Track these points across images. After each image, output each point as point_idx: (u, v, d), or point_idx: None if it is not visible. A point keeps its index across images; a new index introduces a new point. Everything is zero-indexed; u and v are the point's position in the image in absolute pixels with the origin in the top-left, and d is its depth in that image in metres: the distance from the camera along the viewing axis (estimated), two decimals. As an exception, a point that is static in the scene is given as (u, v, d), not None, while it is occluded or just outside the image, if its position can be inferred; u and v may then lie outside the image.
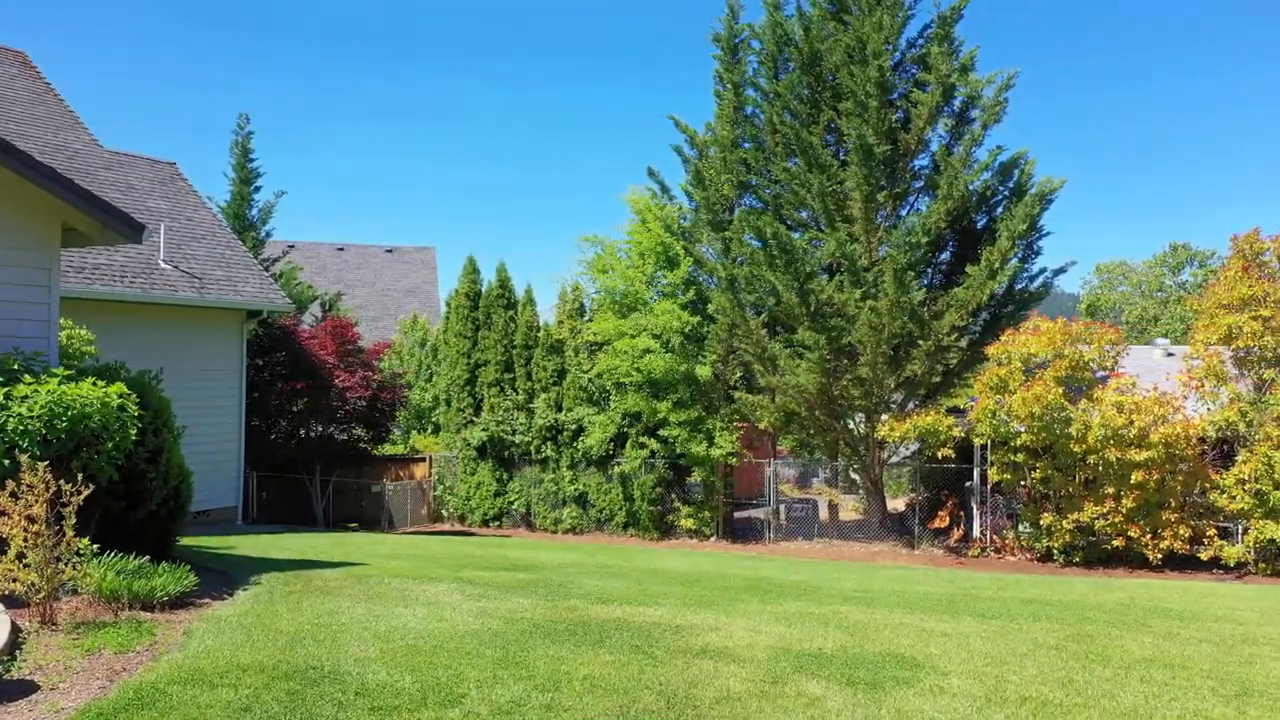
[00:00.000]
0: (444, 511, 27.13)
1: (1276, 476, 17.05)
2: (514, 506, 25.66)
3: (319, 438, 24.41)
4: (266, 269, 24.74)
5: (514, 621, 8.29)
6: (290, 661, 6.56)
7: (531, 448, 25.27)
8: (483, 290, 27.05)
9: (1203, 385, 18.59)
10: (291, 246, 38.59)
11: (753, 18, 24.67)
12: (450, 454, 27.07)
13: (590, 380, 24.51)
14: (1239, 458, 17.88)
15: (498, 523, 25.89)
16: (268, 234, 29.74)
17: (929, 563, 19.66)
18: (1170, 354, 24.40)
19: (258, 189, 29.52)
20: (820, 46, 22.31)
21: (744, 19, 24.52)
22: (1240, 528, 18.26)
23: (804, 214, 23.12)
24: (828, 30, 22.49)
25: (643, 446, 23.25)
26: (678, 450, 22.66)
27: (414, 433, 32.01)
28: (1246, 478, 17.48)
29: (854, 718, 5.83)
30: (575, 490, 24.69)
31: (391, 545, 17.23)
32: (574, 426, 24.65)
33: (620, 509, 23.97)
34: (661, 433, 22.77)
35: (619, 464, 23.73)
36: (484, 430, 25.59)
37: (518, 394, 25.78)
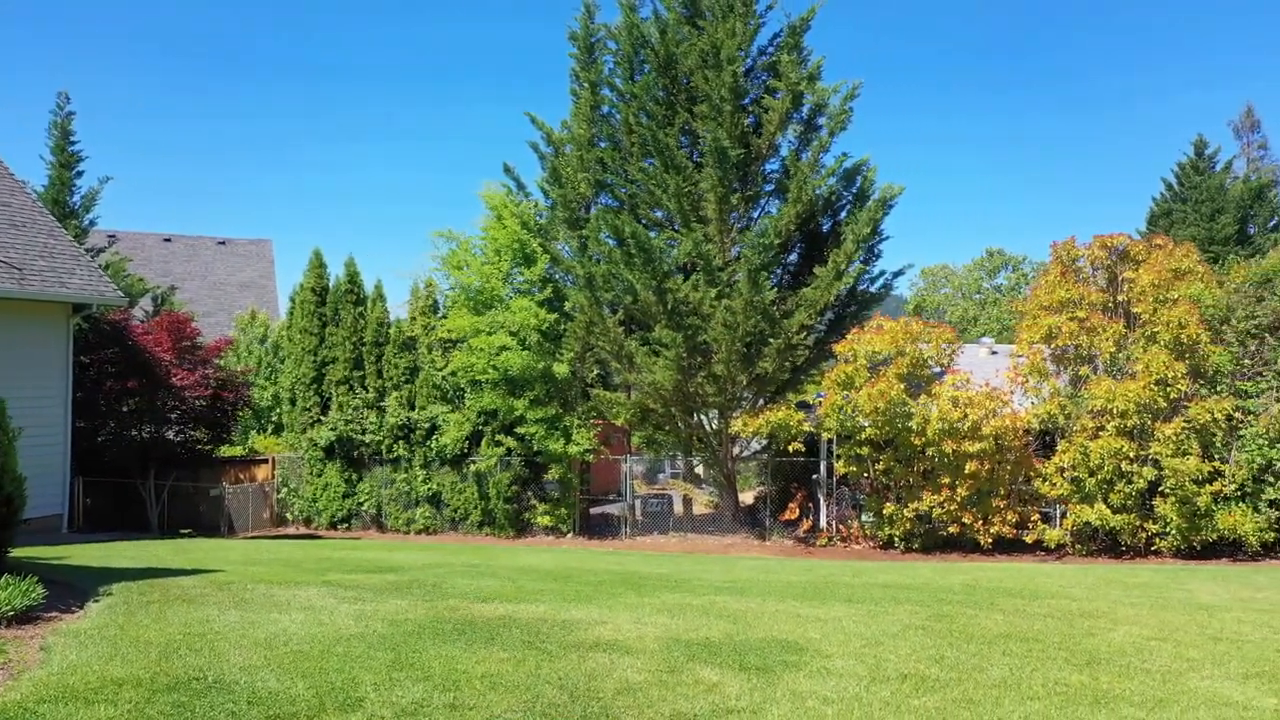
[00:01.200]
0: (288, 515, 26.10)
1: (1091, 464, 18.53)
2: (364, 508, 24.97)
3: (152, 439, 23.03)
4: (93, 259, 23.12)
5: (398, 623, 8.15)
6: (169, 673, 6.25)
7: (383, 447, 24.66)
8: (330, 285, 26.20)
9: (1027, 381, 20.00)
10: (113, 237, 36.25)
11: (609, 17, 24.93)
12: (295, 455, 26.07)
13: (444, 378, 24.15)
14: (1059, 448, 19.34)
15: (346, 525, 25.14)
16: (91, 222, 27.79)
17: (780, 553, 20.37)
18: (994, 352, 26.09)
19: (80, 174, 27.54)
20: (676, 50, 22.73)
21: (600, 18, 24.75)
22: (1059, 512, 19.79)
23: (660, 214, 23.49)
24: (683, 34, 22.93)
25: (499, 444, 23.08)
26: (535, 448, 22.62)
27: (254, 433, 30.63)
28: (1065, 466, 18.93)
29: (753, 701, 6.04)
30: (429, 490, 24.27)
31: (242, 551, 16.49)
32: (427, 425, 24.22)
33: (475, 508, 23.73)
34: (518, 430, 22.67)
35: (474, 462, 23.47)
36: (332, 430, 24.79)
37: (368, 392, 25.11)
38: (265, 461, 26.64)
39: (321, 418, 25.44)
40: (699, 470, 27.99)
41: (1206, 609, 10.38)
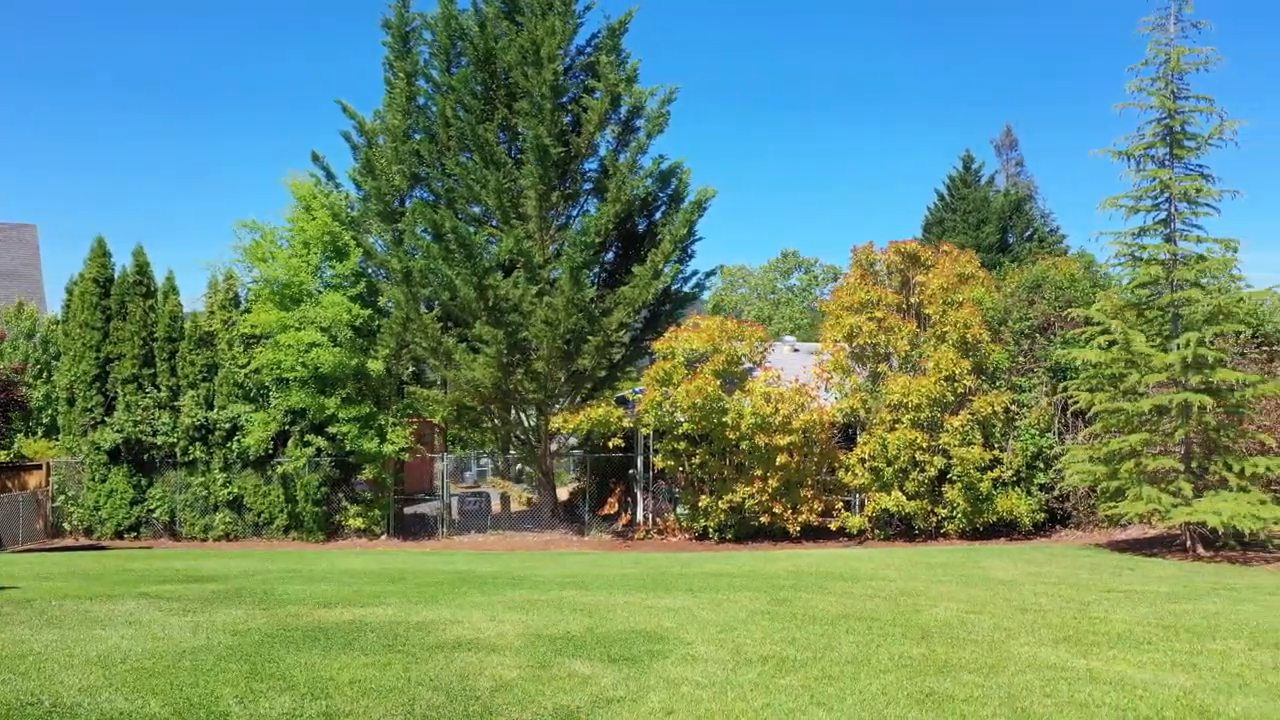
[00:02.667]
0: (66, 525, 23.97)
1: (889, 454, 19.88)
2: (156, 515, 23.31)
3: (-97, 445, 20.58)
4: None
5: (242, 633, 7.75)
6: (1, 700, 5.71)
7: (177, 449, 23.10)
8: (116, 276, 24.24)
9: (831, 377, 21.21)
10: None
11: (425, 7, 24.35)
12: (74, 459, 23.97)
13: (248, 375, 22.89)
14: (860, 440, 20.65)
15: (135, 534, 23.35)
16: None
17: (599, 548, 20.65)
18: (796, 350, 27.47)
19: None
20: (495, 45, 22.55)
21: (416, 6, 24.14)
22: (860, 500, 21.11)
23: (478, 210, 23.24)
24: (502, 29, 22.78)
25: (308, 444, 22.14)
26: (348, 447, 21.86)
27: (20, 437, 27.88)
28: (866, 457, 20.23)
29: (629, 690, 6.18)
30: (229, 494, 22.95)
31: (26, 565, 15.06)
32: (228, 425, 22.89)
33: (282, 511, 22.66)
34: (330, 429, 21.83)
35: (281, 464, 22.42)
36: (118, 431, 22.96)
37: (160, 391, 23.44)
38: (38, 467, 24.35)
39: (106, 419, 23.51)
40: (525, 467, 27.89)
41: (1005, 584, 11.42)
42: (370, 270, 23.42)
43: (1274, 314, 18.98)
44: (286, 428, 22.51)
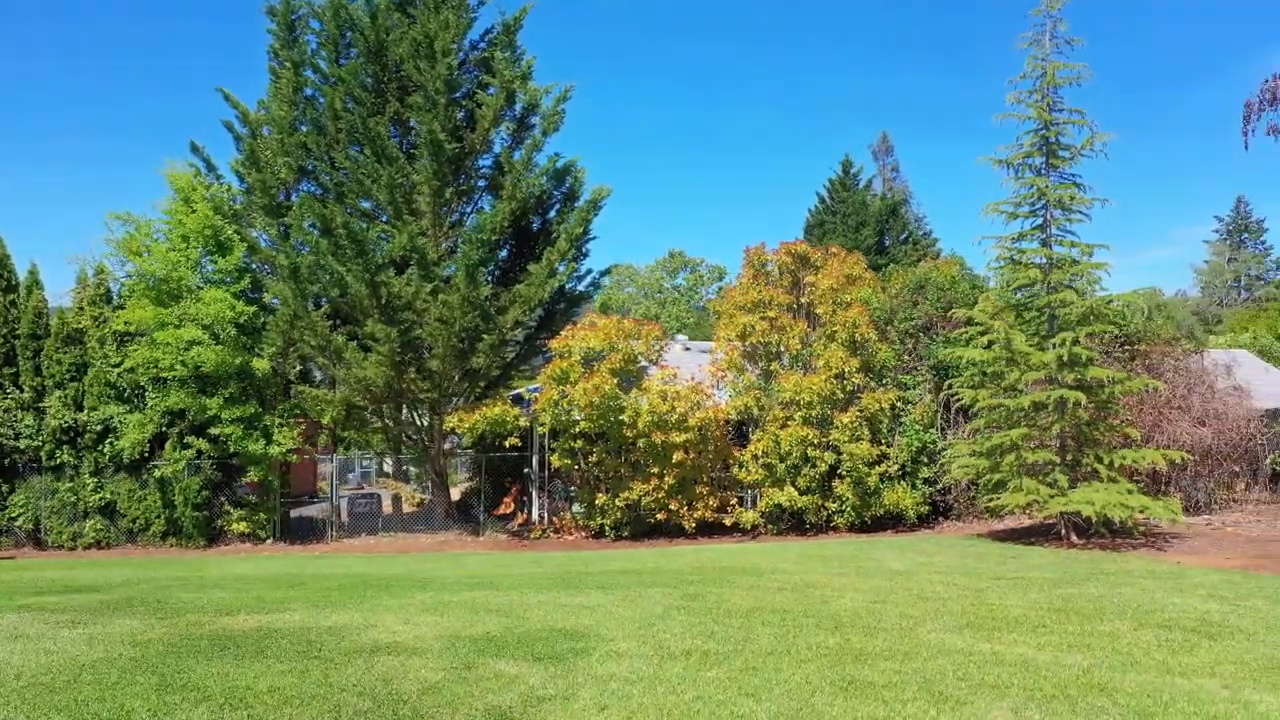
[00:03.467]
0: (-86, 535, 22.30)
1: (782, 451, 20.34)
2: (18, 523, 21.90)
3: None
4: None
5: (142, 644, 7.41)
6: (-116, 723, 5.32)
7: (42, 453, 21.78)
8: (-29, 269, 22.69)
9: (725, 375, 21.55)
10: None
11: (312, -6, 23.60)
12: (-76, 465, 22.32)
13: (121, 375, 21.76)
14: (754, 437, 21.04)
15: (-7, 544, 21.91)
16: None
17: (495, 548, 20.45)
18: (688, 349, 27.81)
19: None
20: (387, 38, 22.07)
21: (304, -6, 23.38)
22: (753, 496, 21.52)
23: (368, 204, 22.69)
24: (393, 21, 22.31)
25: (188, 446, 21.19)
26: (232, 449, 21.02)
27: None
28: (760, 453, 20.63)
29: (559, 688, 6.17)
30: (101, 500, 21.76)
31: (-122, 579, 13.96)
32: (99, 427, 21.71)
33: (159, 517, 21.62)
34: (212, 430, 20.94)
35: (158, 467, 21.39)
36: (-24, 435, 21.52)
37: (22, 391, 22.04)
38: (-118, 474, 22.58)
39: (-38, 421, 21.99)
40: (405, 468, 27.37)
41: (901, 574, 11.85)
42: (255, 266, 22.59)
43: (1134, 315, 20.22)
44: (164, 429, 21.51)
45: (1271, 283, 72.18)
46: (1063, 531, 16.61)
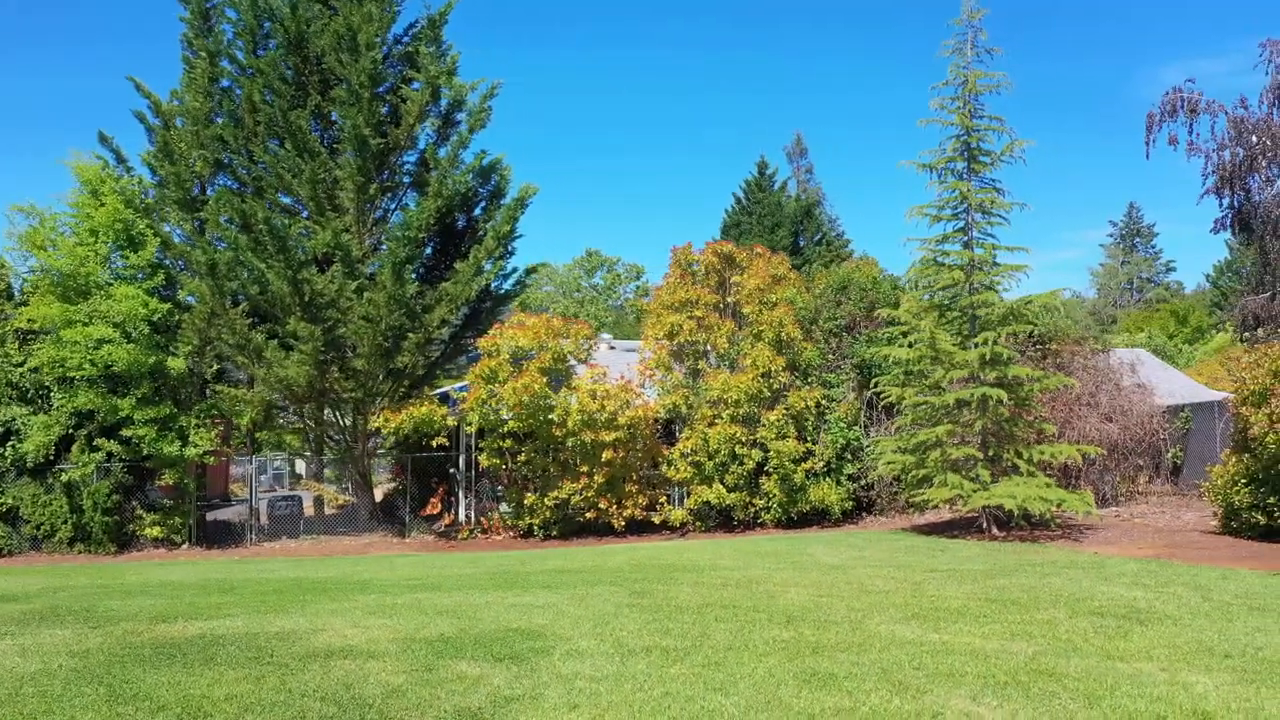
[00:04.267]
0: None
1: (710, 449, 20.53)
2: (-90, 531, 20.77)
3: None
4: None
5: (81, 655, 7.12)
6: None
7: (-62, 458, 20.70)
8: None
9: (654, 374, 21.65)
10: None
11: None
12: None
13: (24, 374, 20.81)
14: (682, 435, 21.19)
15: (-117, 553, 20.73)
16: None
17: (423, 549, 20.17)
18: (613, 347, 27.88)
19: None
20: (307, 29, 21.55)
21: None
22: (681, 494, 21.67)
23: (289, 200, 22.15)
24: (314, 12, 21.81)
25: (97, 449, 20.35)
26: (145, 451, 20.27)
27: None
28: (688, 451, 20.78)
29: (525, 688, 6.14)
30: (3, 505, 20.76)
31: None
32: (1, 430, 20.71)
33: (65, 523, 20.73)
34: (124, 432, 20.15)
35: (65, 470, 20.51)
36: None
37: (-85, 392, 20.91)
38: None
39: None
40: (325, 469, 26.79)
41: (839, 568, 12.09)
42: (169, 261, 21.80)
43: (1050, 315, 21.01)
44: (72, 431, 20.62)
45: (1161, 285, 75.85)
46: (984, 525, 17.16)
